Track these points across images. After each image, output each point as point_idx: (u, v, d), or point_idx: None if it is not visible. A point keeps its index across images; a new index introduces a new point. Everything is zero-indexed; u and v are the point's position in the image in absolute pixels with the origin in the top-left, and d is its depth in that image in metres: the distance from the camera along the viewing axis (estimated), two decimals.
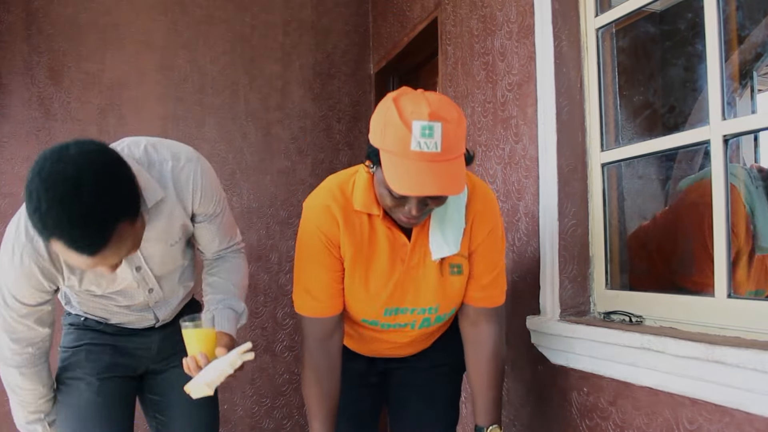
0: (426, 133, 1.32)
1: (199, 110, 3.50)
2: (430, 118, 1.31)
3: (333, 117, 3.78)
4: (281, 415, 3.62)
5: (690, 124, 2.01)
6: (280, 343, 3.62)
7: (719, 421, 1.42)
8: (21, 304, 1.55)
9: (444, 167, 1.35)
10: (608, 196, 1.96)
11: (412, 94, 1.39)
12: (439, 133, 1.32)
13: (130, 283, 1.68)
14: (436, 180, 1.34)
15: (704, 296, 1.60)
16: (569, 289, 1.96)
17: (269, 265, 3.61)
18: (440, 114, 1.33)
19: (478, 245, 1.63)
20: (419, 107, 1.33)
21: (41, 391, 1.72)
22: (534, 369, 2.07)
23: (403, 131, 1.33)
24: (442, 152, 1.33)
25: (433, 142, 1.32)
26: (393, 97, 1.39)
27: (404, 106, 1.35)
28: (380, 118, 1.40)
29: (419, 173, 1.34)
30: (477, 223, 1.61)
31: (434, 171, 1.34)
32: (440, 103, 1.37)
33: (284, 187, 3.66)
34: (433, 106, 1.34)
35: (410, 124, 1.32)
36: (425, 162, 1.33)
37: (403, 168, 1.35)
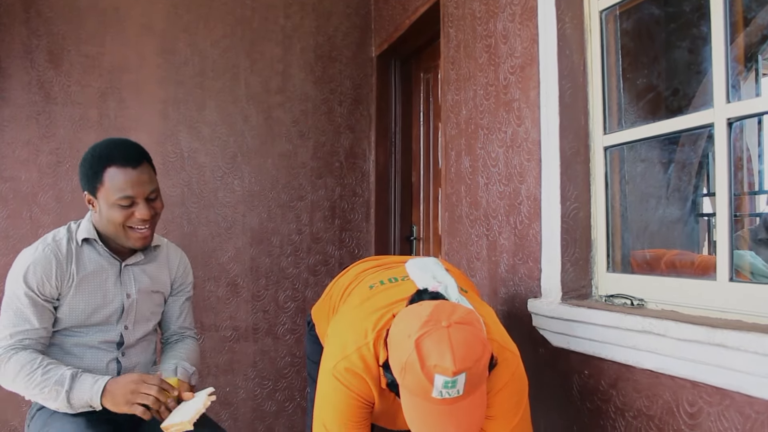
0: (449, 385, 1.22)
1: (200, 93, 3.49)
2: (454, 374, 1.21)
3: (334, 100, 3.76)
4: (283, 398, 3.64)
5: (694, 107, 2.00)
6: (281, 326, 3.63)
7: (719, 404, 1.42)
8: (27, 287, 1.76)
9: (465, 406, 1.27)
10: (610, 179, 1.96)
11: (437, 336, 1.24)
12: (463, 382, 1.23)
13: (115, 310, 1.90)
14: (457, 423, 1.27)
15: (706, 280, 1.60)
16: (571, 272, 1.96)
17: (271, 249, 3.61)
18: (465, 365, 1.22)
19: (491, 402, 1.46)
20: (443, 360, 1.21)
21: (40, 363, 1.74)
22: (535, 352, 2.08)
23: (424, 382, 1.23)
24: (464, 394, 1.25)
25: (456, 390, 1.23)
26: (415, 338, 1.25)
27: (427, 355, 1.23)
28: (399, 356, 1.28)
29: (438, 419, 1.27)
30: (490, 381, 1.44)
31: (454, 414, 1.27)
32: (466, 348, 1.24)
33: (285, 170, 3.65)
34: (458, 356, 1.22)
35: (432, 378, 1.22)
36: (447, 405, 1.26)
37: (421, 411, 1.28)
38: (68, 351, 1.86)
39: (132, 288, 1.93)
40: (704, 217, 2.43)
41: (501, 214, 2.28)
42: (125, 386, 1.66)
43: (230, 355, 3.53)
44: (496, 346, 1.45)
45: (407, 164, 3.82)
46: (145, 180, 1.81)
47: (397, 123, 3.84)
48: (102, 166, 1.77)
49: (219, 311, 3.52)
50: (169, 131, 3.43)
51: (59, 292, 1.81)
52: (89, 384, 1.69)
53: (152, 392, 1.64)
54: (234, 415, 3.53)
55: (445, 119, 2.77)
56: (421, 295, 1.46)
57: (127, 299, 1.92)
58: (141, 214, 1.80)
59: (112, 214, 1.80)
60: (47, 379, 1.69)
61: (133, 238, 1.85)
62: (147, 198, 1.82)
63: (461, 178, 2.59)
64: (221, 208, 3.53)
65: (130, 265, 1.95)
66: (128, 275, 1.94)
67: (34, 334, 1.77)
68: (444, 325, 1.26)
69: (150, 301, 2.00)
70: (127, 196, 1.78)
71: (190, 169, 3.47)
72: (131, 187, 1.78)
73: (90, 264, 1.87)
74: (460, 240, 2.59)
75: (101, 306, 1.87)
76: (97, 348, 1.88)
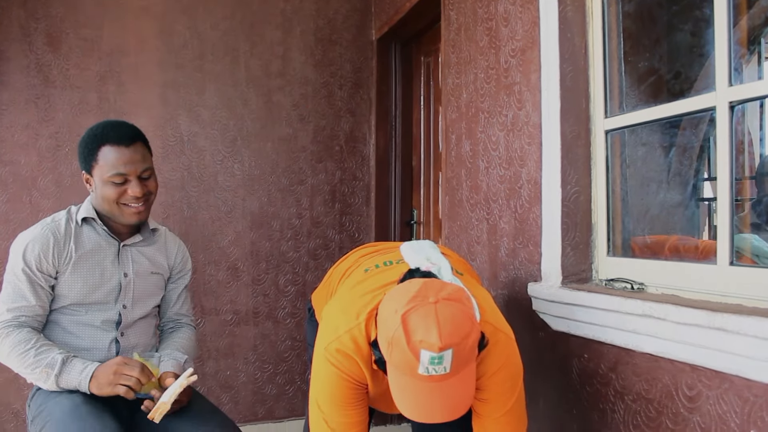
0: (435, 361, 1.21)
1: (200, 77, 3.48)
2: (440, 350, 1.20)
3: (335, 83, 3.75)
4: (283, 381, 3.66)
5: (695, 91, 1.99)
6: (282, 310, 3.64)
7: (718, 387, 1.43)
8: (24, 263, 1.81)
9: (453, 384, 1.26)
10: (611, 163, 1.95)
11: (423, 311, 1.24)
12: (450, 358, 1.22)
13: (113, 288, 1.94)
14: (442, 405, 1.27)
15: (706, 264, 1.60)
16: (571, 256, 1.96)
17: (271, 233, 3.61)
18: (452, 340, 1.21)
19: (486, 385, 1.47)
20: (429, 334, 1.20)
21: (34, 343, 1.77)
22: (535, 336, 2.08)
23: (410, 357, 1.22)
24: (451, 372, 1.24)
25: (442, 367, 1.22)
26: (402, 313, 1.24)
27: (413, 330, 1.22)
28: (386, 332, 1.28)
29: (427, 397, 1.27)
30: (483, 365, 1.46)
31: (442, 392, 1.26)
32: (453, 323, 1.23)
33: (285, 154, 3.64)
34: (444, 332, 1.20)
35: (418, 353, 1.21)
36: (433, 383, 1.25)
37: (408, 388, 1.28)
38: (68, 330, 1.89)
39: (129, 268, 1.98)
40: (705, 201, 2.42)
41: (501, 198, 2.28)
42: (108, 368, 1.72)
43: (231, 339, 3.55)
44: (490, 329, 1.45)
45: (407, 148, 3.82)
46: (137, 159, 1.87)
47: (397, 107, 3.82)
48: (97, 144, 1.84)
49: (219, 295, 3.52)
50: (169, 115, 3.42)
51: (57, 269, 1.85)
52: (78, 370, 1.73)
53: (134, 373, 1.70)
54: (235, 399, 3.55)
55: (446, 103, 2.76)
56: (412, 273, 1.46)
57: (124, 278, 1.95)
58: (133, 192, 1.85)
59: (105, 191, 1.85)
60: (39, 361, 1.73)
61: (127, 214, 1.89)
62: (140, 176, 1.87)
63: (462, 162, 2.58)
64: (221, 192, 3.52)
65: (128, 246, 1.99)
66: (126, 255, 1.98)
67: (30, 312, 1.82)
68: (431, 301, 1.25)
69: (148, 281, 2.03)
70: (120, 173, 1.83)
71: (189, 153, 3.46)
72: (123, 165, 1.83)
73: (88, 243, 1.91)
74: (460, 224, 2.59)
75: (99, 284, 1.91)
76: (96, 327, 1.91)
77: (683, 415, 1.53)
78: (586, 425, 1.88)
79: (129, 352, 1.95)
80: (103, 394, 1.72)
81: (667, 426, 1.58)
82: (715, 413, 1.44)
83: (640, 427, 1.67)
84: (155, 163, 3.33)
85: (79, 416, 1.68)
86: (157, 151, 3.38)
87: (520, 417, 1.54)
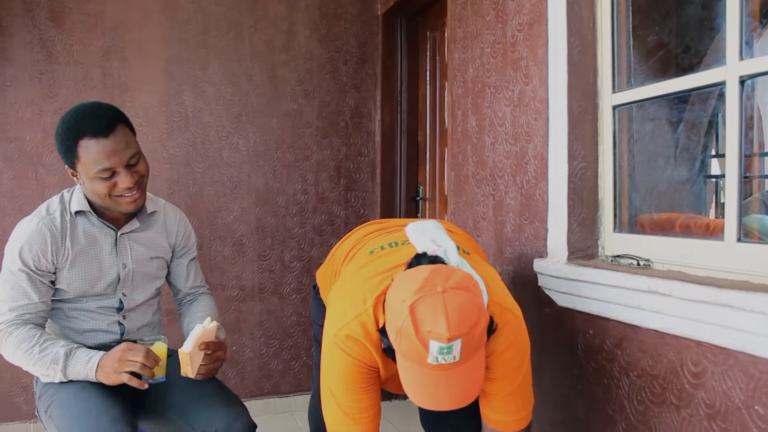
0: (444, 351, 1.21)
1: (204, 52, 3.45)
2: (449, 341, 1.20)
3: (340, 59, 3.72)
4: (289, 356, 3.68)
5: (705, 65, 1.97)
6: (287, 286, 3.65)
7: (724, 363, 1.43)
8: (22, 263, 1.75)
9: (462, 372, 1.27)
10: (619, 138, 1.94)
11: (431, 301, 1.23)
12: (459, 348, 1.22)
13: (112, 280, 1.88)
14: (451, 393, 1.28)
15: (713, 240, 1.59)
16: (577, 232, 1.95)
17: (276, 209, 3.61)
18: (461, 330, 1.21)
19: (493, 363, 1.48)
20: (438, 325, 1.20)
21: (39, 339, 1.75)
22: (540, 312, 2.08)
23: (418, 347, 1.22)
24: (460, 360, 1.24)
25: (452, 356, 1.22)
26: (410, 303, 1.24)
27: (421, 321, 1.22)
28: (395, 321, 1.27)
29: (436, 385, 1.27)
30: (491, 345, 1.46)
31: (451, 379, 1.26)
32: (461, 313, 1.22)
33: (291, 129, 3.63)
34: (452, 322, 1.20)
35: (427, 344, 1.21)
36: (442, 371, 1.25)
37: (417, 376, 1.28)
38: (70, 316, 1.88)
39: (128, 257, 1.91)
40: (712, 178, 2.41)
41: (507, 174, 2.27)
42: (113, 356, 1.67)
43: (236, 315, 3.56)
44: (498, 309, 1.45)
45: (413, 124, 3.80)
46: (120, 148, 1.71)
47: (403, 82, 3.80)
48: (74, 140, 1.69)
49: (225, 271, 3.53)
50: (173, 91, 3.40)
51: (55, 266, 1.79)
52: (83, 362, 1.70)
53: (138, 359, 1.65)
54: (241, 374, 3.58)
55: (452, 78, 2.73)
56: (419, 259, 1.45)
57: (123, 269, 1.90)
58: (124, 183, 1.73)
59: (94, 186, 1.74)
60: (43, 357, 1.70)
61: (123, 204, 1.79)
62: (127, 165, 1.74)
63: (468, 137, 2.57)
64: (226, 168, 3.52)
65: (126, 234, 1.92)
66: (124, 244, 1.91)
67: (33, 309, 1.77)
68: (439, 291, 1.24)
69: (149, 267, 1.97)
70: (105, 168, 1.70)
71: (194, 128, 3.45)
72: (107, 158, 1.69)
73: (84, 237, 1.84)
74: (466, 200, 2.59)
75: (98, 278, 1.86)
76: (99, 313, 1.89)
77: (688, 391, 1.53)
78: (591, 401, 1.89)
79: (134, 333, 1.94)
80: (111, 383, 1.69)
81: (671, 402, 1.58)
82: (720, 389, 1.44)
83: (644, 403, 1.68)
84: (160, 140, 3.36)
85: (84, 397, 1.69)
86: (161, 127, 3.37)
87: (527, 395, 1.55)
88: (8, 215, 3.13)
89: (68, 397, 1.70)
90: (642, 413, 1.69)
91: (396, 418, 3.51)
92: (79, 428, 1.61)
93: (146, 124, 3.34)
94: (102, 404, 1.67)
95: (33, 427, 3.22)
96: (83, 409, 1.65)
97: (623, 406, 1.76)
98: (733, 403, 1.41)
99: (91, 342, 1.88)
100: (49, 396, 1.76)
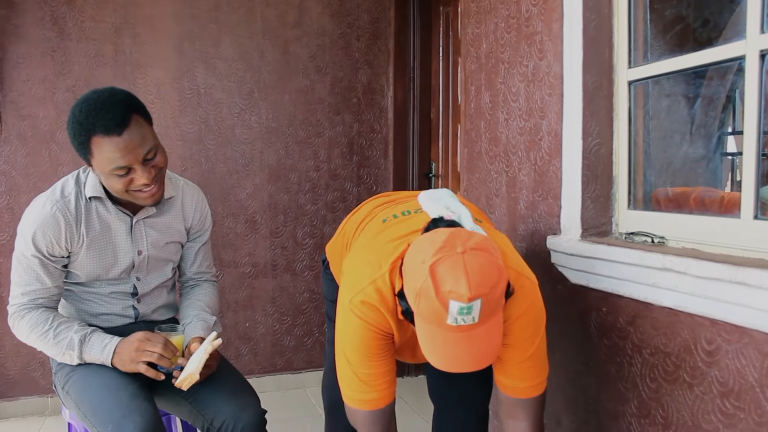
0: (464, 312, 1.21)
1: (215, 28, 3.43)
2: (470, 300, 1.20)
3: (352, 34, 3.69)
4: (302, 333, 3.71)
5: (724, 39, 1.93)
6: (300, 263, 3.67)
7: (738, 342, 1.42)
8: (35, 249, 1.71)
9: (481, 333, 1.26)
10: (634, 114, 1.91)
11: (451, 262, 1.23)
12: (478, 309, 1.22)
13: (127, 266, 1.86)
14: (471, 354, 1.28)
15: (729, 217, 1.57)
16: (591, 209, 1.94)
17: (288, 185, 3.61)
18: (481, 290, 1.21)
19: (509, 329, 1.48)
20: (458, 285, 1.20)
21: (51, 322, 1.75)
22: (553, 289, 2.08)
23: (439, 308, 1.22)
24: (479, 322, 1.24)
25: (471, 317, 1.22)
26: (430, 264, 1.23)
27: (442, 281, 1.21)
28: (414, 283, 1.27)
29: (454, 346, 1.27)
30: (507, 310, 1.46)
31: (470, 341, 1.26)
32: (481, 273, 1.22)
33: (303, 106, 3.62)
34: (473, 282, 1.20)
35: (447, 304, 1.21)
36: (461, 333, 1.25)
37: (436, 338, 1.28)
38: (83, 299, 1.88)
39: (144, 244, 1.88)
40: (729, 156, 2.37)
41: (521, 150, 2.25)
42: (130, 345, 1.68)
43: (249, 291, 3.59)
44: (513, 274, 1.45)
45: (426, 100, 3.77)
46: (135, 144, 1.63)
47: (415, 58, 3.77)
48: (86, 136, 1.62)
49: (238, 248, 3.55)
50: (185, 67, 3.40)
51: (69, 251, 1.77)
52: (98, 350, 1.70)
53: (156, 349, 1.66)
54: (254, 350, 3.61)
55: (465, 53, 2.71)
56: (436, 223, 1.44)
57: (138, 256, 1.87)
58: (141, 180, 1.67)
59: (111, 183, 1.69)
60: (58, 343, 1.71)
61: (140, 198, 1.73)
62: (144, 160, 1.66)
63: (481, 113, 2.55)
64: (239, 144, 3.52)
65: (141, 220, 1.87)
66: (139, 230, 1.87)
67: (46, 293, 1.76)
68: (459, 251, 1.24)
69: (164, 252, 1.94)
70: (120, 166, 1.64)
71: (206, 105, 3.45)
72: (122, 157, 1.62)
73: (99, 223, 1.80)
74: (479, 176, 2.57)
75: (112, 264, 1.84)
76: (111, 297, 1.89)
77: (701, 369, 1.53)
78: (603, 378, 1.89)
79: (149, 315, 1.95)
80: (127, 371, 1.69)
81: (684, 380, 1.58)
82: (734, 367, 1.43)
83: (657, 381, 1.67)
84: (172, 116, 3.36)
85: (102, 373, 1.71)
86: (173, 104, 3.37)
87: (542, 362, 1.55)
88: (23, 192, 3.16)
89: (86, 374, 1.72)
90: (654, 391, 1.69)
91: (408, 395, 3.53)
92: (99, 404, 1.63)
93: (158, 101, 3.34)
94: (120, 381, 1.68)
95: (50, 402, 3.28)
96: (102, 385, 1.67)
97: (635, 383, 1.76)
98: (746, 382, 1.40)
99: (106, 325, 1.88)
100: (66, 372, 1.78)
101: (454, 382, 1.83)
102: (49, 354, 1.77)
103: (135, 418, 1.55)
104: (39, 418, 3.24)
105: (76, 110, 1.64)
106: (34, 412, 3.26)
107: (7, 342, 3.20)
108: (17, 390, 3.25)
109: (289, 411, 3.33)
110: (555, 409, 2.13)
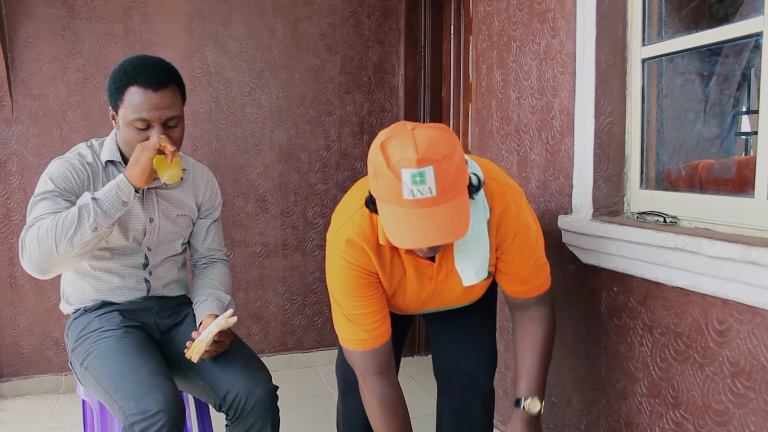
0: (417, 180, 1.21)
1: (225, 6, 3.41)
2: (419, 165, 1.20)
3: (363, 12, 3.66)
4: (312, 312, 3.72)
5: (741, 15, 1.90)
6: (310, 242, 3.67)
7: (750, 322, 1.42)
8: (54, 185, 1.73)
9: (444, 210, 1.25)
10: (647, 93, 1.89)
11: (401, 137, 1.25)
12: (432, 177, 1.22)
13: (138, 233, 1.87)
14: (436, 228, 1.25)
15: (743, 197, 1.56)
16: (603, 188, 1.93)
17: (299, 165, 3.61)
18: (430, 156, 1.21)
19: (505, 251, 1.56)
20: (406, 152, 1.21)
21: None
22: (564, 268, 2.07)
23: (393, 180, 1.23)
24: (438, 195, 1.23)
25: (427, 188, 1.22)
26: (381, 142, 1.27)
27: (392, 153, 1.24)
28: (371, 166, 1.30)
29: (418, 222, 1.25)
30: (500, 233, 1.53)
31: (433, 217, 1.25)
32: (430, 142, 1.23)
33: (313, 85, 3.60)
34: (421, 148, 1.21)
35: (399, 173, 1.22)
36: (422, 209, 1.24)
37: (399, 218, 1.27)
38: (95, 276, 1.88)
39: (155, 212, 1.90)
40: (743, 135, 2.35)
41: (533, 129, 2.23)
42: (134, 157, 1.70)
43: (260, 271, 3.60)
44: (497, 186, 1.51)
45: (437, 79, 3.74)
46: (164, 105, 1.72)
47: (426, 36, 3.73)
48: (125, 83, 1.71)
49: (248, 227, 3.56)
50: (195, 46, 3.38)
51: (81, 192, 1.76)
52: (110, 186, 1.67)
53: (153, 139, 1.71)
54: (264, 329, 3.63)
55: (477, 31, 2.68)
56: None
57: (150, 223, 1.89)
58: (154, 139, 1.71)
59: (127, 133, 1.74)
60: (71, 214, 1.63)
61: None
62: (165, 123, 1.74)
63: (492, 92, 2.53)
64: (249, 124, 3.51)
65: (153, 188, 1.89)
66: (151, 199, 1.89)
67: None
68: (409, 128, 1.27)
69: (175, 224, 1.96)
70: (142, 118, 1.71)
71: (217, 84, 3.44)
72: (147, 110, 1.70)
73: None
74: (490, 155, 2.56)
75: (126, 228, 1.84)
76: (124, 270, 1.89)
77: (712, 349, 1.52)
78: (614, 357, 1.89)
79: (160, 290, 1.96)
80: (144, 177, 1.69)
81: (695, 359, 1.58)
82: (745, 348, 1.43)
83: (667, 360, 1.67)
84: None
85: (122, 348, 1.72)
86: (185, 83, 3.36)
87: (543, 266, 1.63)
88: (34, 172, 3.17)
89: (107, 349, 1.73)
90: (665, 371, 1.69)
91: (418, 374, 3.55)
92: (121, 380, 1.64)
93: None
94: (141, 357, 1.70)
95: (65, 380, 3.32)
96: (122, 361, 1.68)
97: (646, 363, 1.76)
98: (758, 362, 1.40)
99: (120, 299, 1.90)
100: (85, 348, 1.78)
101: (458, 360, 1.85)
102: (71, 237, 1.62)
103: (156, 395, 1.57)
104: (53, 396, 3.28)
105: (125, 62, 1.75)
106: (48, 390, 3.30)
107: (21, 321, 3.23)
108: (31, 368, 3.29)
109: (300, 390, 3.35)
110: (565, 389, 2.14)
